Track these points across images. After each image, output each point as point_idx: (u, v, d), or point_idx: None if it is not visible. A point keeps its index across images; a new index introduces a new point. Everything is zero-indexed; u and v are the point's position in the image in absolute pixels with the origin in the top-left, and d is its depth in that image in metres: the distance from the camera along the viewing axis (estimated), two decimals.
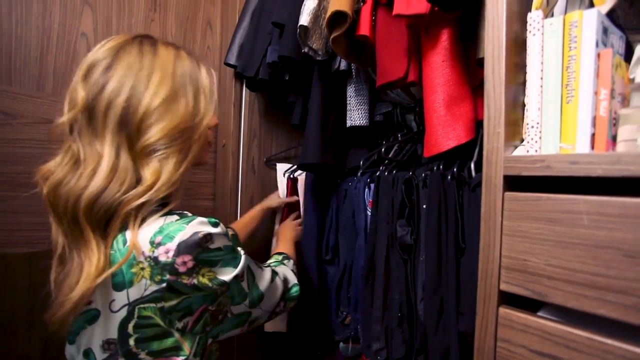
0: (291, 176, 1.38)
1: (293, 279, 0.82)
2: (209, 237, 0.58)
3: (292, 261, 0.91)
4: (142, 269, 0.56)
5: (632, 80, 0.55)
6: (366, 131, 1.07)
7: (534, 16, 0.57)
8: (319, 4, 0.87)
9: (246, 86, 1.37)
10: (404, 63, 0.77)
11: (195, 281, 0.57)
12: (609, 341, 0.45)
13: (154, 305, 0.56)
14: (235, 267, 0.62)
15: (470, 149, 0.80)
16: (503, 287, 0.56)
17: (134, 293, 0.56)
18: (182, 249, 0.55)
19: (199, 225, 0.58)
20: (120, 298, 0.57)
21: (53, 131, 0.60)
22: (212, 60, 1.50)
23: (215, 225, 0.60)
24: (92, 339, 0.59)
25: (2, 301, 1.07)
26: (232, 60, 1.29)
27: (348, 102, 1.01)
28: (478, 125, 0.77)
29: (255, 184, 1.47)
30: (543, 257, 0.52)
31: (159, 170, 0.58)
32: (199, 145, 0.64)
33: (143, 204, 0.57)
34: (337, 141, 1.09)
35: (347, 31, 0.82)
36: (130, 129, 0.58)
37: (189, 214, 0.62)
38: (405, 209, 0.89)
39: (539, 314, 0.55)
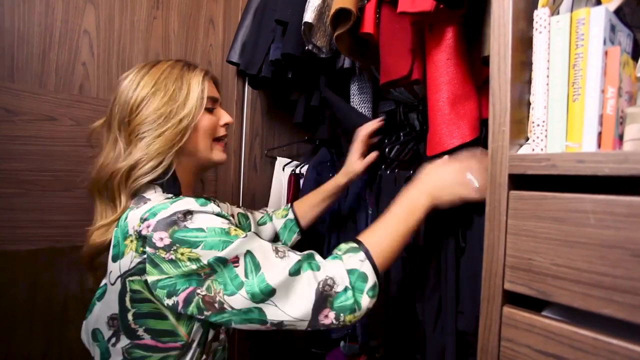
0: (295, 171, 1.37)
1: (343, 282, 0.61)
2: (188, 214, 0.61)
3: (359, 254, 0.64)
4: (132, 241, 0.62)
5: (639, 79, 0.54)
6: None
7: (541, 13, 0.56)
8: (324, 1, 0.86)
9: (248, 84, 1.37)
10: (408, 61, 0.76)
11: (173, 257, 0.58)
12: (615, 341, 0.44)
13: (139, 278, 0.61)
14: (221, 249, 0.59)
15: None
16: (507, 286, 0.56)
17: (124, 265, 0.62)
18: (160, 225, 0.59)
19: (183, 204, 0.62)
20: (115, 270, 0.63)
21: (90, 134, 0.77)
22: (214, 58, 1.49)
23: (203, 204, 0.63)
24: (100, 317, 0.65)
25: (2, 299, 1.07)
26: (235, 58, 1.29)
27: (351, 100, 1.01)
28: (482, 124, 0.76)
29: (257, 182, 1.47)
30: (548, 256, 0.51)
31: (137, 150, 0.68)
32: (177, 129, 0.70)
33: (127, 175, 0.67)
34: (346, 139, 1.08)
35: (351, 29, 0.82)
36: (125, 123, 0.70)
37: (183, 197, 0.66)
38: None
39: (544, 313, 0.55)
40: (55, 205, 1.15)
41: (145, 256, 0.60)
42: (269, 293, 0.58)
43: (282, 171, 1.43)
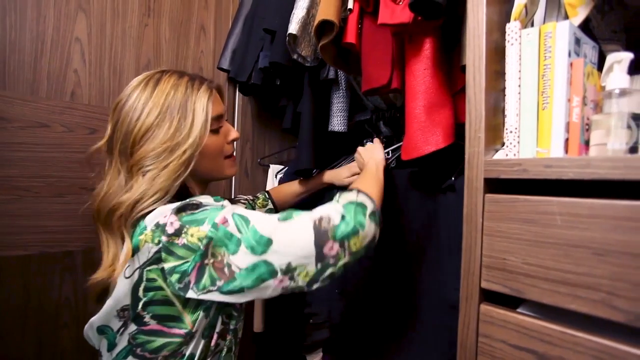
0: (282, 177, 1.40)
1: (339, 214, 0.63)
2: (198, 203, 0.64)
3: (352, 192, 0.69)
4: (147, 234, 0.62)
5: (603, 88, 0.58)
6: (347, 136, 1.11)
7: (512, 27, 0.60)
8: (308, 13, 0.89)
9: (239, 91, 1.40)
10: (387, 71, 0.79)
11: (185, 240, 0.60)
12: (579, 334, 0.47)
13: (156, 266, 0.62)
14: (215, 217, 0.62)
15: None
16: (484, 285, 0.59)
17: (142, 257, 0.62)
18: (173, 212, 0.63)
19: (196, 199, 0.66)
20: (133, 263, 0.63)
21: (88, 156, 0.74)
22: (205, 65, 1.51)
23: (217, 200, 0.67)
24: (109, 313, 0.65)
25: None
26: (225, 65, 1.31)
27: (330, 108, 1.05)
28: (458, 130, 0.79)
29: (248, 187, 1.49)
30: (520, 256, 0.54)
31: (141, 183, 0.67)
32: (181, 160, 0.68)
33: (129, 210, 0.65)
34: (325, 145, 1.11)
35: (334, 39, 0.85)
36: (126, 154, 0.69)
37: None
38: None
39: (519, 310, 0.58)
40: (48, 211, 1.16)
41: (160, 246, 0.61)
42: (265, 243, 0.60)
43: (275, 178, 1.45)
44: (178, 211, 0.62)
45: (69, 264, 1.20)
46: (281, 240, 0.60)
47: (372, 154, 0.90)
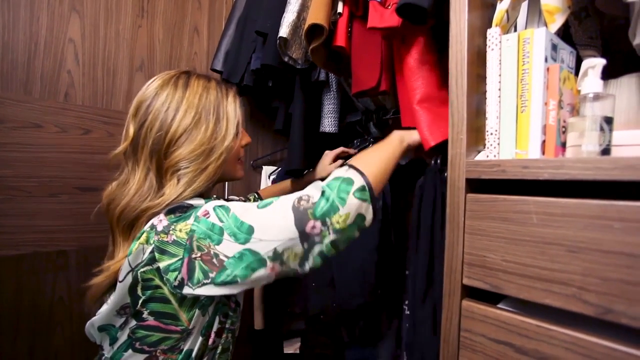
0: (275, 178, 1.42)
1: (317, 194, 0.63)
2: (188, 206, 0.65)
3: (342, 168, 0.68)
4: (142, 238, 0.63)
5: (579, 92, 0.60)
6: (339, 137, 1.13)
7: (493, 32, 0.62)
8: (298, 17, 0.91)
9: None
10: (376, 74, 0.81)
11: (174, 237, 0.61)
12: (553, 327, 0.50)
13: (150, 267, 0.62)
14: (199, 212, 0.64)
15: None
16: (465, 281, 0.61)
17: (134, 259, 0.63)
18: (164, 213, 0.64)
19: (189, 201, 0.66)
20: (124, 267, 0.64)
21: (111, 159, 0.71)
22: (199, 66, 1.53)
23: (207, 201, 0.66)
24: (109, 314, 0.67)
25: None
26: (218, 66, 1.33)
27: (322, 109, 1.07)
28: None
29: (241, 187, 1.50)
30: (499, 253, 0.56)
31: (176, 186, 0.67)
32: (218, 163, 0.70)
33: (158, 211, 0.66)
34: (316, 146, 1.13)
35: (325, 42, 0.87)
36: (159, 155, 0.68)
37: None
38: None
39: (500, 305, 0.60)
40: (41, 210, 1.16)
41: (153, 246, 0.62)
42: (247, 230, 0.61)
43: (268, 179, 1.47)
44: (168, 213, 0.64)
45: (63, 263, 1.21)
46: (262, 227, 0.61)
47: (406, 131, 0.80)
